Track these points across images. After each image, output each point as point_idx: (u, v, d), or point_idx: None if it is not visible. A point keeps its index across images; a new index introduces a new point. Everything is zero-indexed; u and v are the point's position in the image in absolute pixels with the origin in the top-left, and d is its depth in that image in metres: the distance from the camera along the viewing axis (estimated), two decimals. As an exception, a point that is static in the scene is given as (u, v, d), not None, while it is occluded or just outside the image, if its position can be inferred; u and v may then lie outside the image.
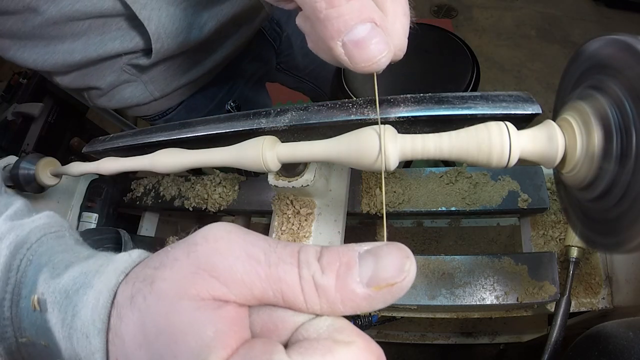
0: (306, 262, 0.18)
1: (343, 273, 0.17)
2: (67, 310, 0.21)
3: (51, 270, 0.23)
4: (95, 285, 0.21)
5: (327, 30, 0.25)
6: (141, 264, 0.21)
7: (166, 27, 0.57)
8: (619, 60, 0.25)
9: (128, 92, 0.68)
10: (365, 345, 0.17)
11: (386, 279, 0.17)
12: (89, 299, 0.21)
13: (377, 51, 0.25)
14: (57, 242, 0.26)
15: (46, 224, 0.27)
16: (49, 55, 0.58)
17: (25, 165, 0.57)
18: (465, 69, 0.79)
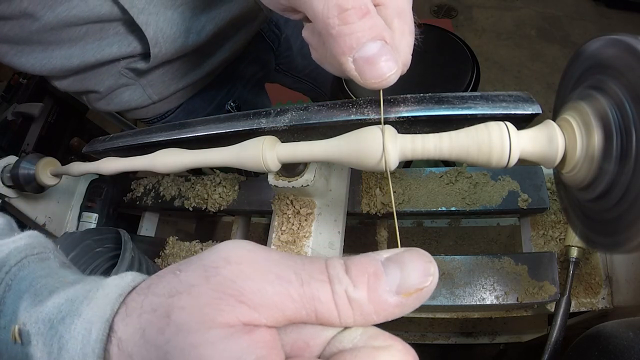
0: (337, 277, 0.17)
1: (373, 284, 0.17)
2: (52, 342, 0.19)
3: (33, 297, 0.21)
4: (84, 313, 0.19)
5: (339, 46, 0.25)
6: (140, 291, 0.19)
7: (164, 31, 0.57)
8: (619, 61, 0.25)
9: (126, 96, 0.68)
10: (403, 347, 0.18)
11: (415, 285, 0.17)
12: (78, 329, 0.19)
13: (387, 68, 0.25)
14: (39, 266, 0.23)
15: (28, 244, 0.25)
16: (47, 60, 0.58)
17: (25, 165, 0.57)
18: (465, 69, 0.79)
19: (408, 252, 0.18)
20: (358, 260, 0.18)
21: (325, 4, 0.25)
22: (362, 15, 0.25)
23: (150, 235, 0.78)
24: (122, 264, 0.50)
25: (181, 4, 0.58)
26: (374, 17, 0.25)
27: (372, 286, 0.17)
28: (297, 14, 0.30)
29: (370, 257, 0.18)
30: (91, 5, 0.53)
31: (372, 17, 0.25)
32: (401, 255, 0.18)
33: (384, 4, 0.28)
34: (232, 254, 0.18)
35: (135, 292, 0.19)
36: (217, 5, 0.63)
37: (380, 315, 0.17)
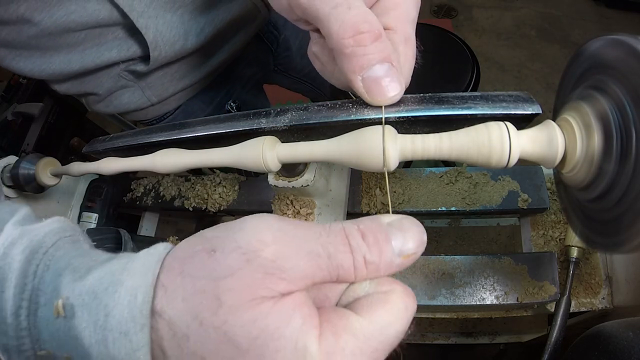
0: (357, 247, 0.21)
1: (384, 249, 0.21)
2: (98, 311, 0.20)
3: (72, 274, 0.22)
4: (126, 282, 0.20)
5: (351, 65, 0.28)
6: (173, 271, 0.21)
7: (164, 35, 0.57)
8: (619, 61, 0.25)
9: (126, 98, 0.68)
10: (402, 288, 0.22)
11: (413, 250, 0.21)
12: (122, 296, 0.20)
13: (392, 89, 0.28)
14: (73, 247, 0.25)
15: (60, 227, 0.26)
16: (46, 65, 0.58)
17: (25, 165, 0.57)
18: (465, 69, 0.79)
19: (406, 220, 0.22)
20: (370, 226, 0.21)
21: (342, 25, 0.27)
22: (374, 38, 0.27)
23: (150, 235, 0.78)
24: (122, 264, 0.50)
25: (180, 7, 0.58)
26: (385, 41, 0.28)
27: (383, 250, 0.21)
28: (309, 25, 0.32)
29: (379, 223, 0.22)
30: (90, 10, 0.52)
31: (383, 41, 0.28)
32: (402, 223, 0.22)
33: (394, 29, 0.30)
34: (266, 235, 0.20)
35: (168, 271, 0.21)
36: (216, 7, 0.62)
37: (386, 272, 0.21)
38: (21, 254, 0.23)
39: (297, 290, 0.20)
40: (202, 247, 0.21)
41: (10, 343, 0.22)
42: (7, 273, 0.22)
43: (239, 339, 0.19)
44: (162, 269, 0.21)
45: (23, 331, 0.22)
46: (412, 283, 0.53)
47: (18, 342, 0.22)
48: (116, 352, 0.20)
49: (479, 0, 2.18)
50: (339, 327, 0.20)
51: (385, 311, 0.20)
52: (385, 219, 0.22)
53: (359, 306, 0.21)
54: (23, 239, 0.24)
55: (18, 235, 0.24)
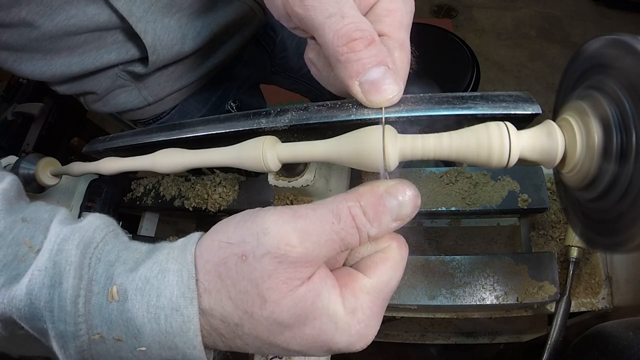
0: (362, 225, 0.24)
1: (383, 220, 0.25)
2: (150, 293, 0.23)
3: (123, 265, 0.25)
4: (171, 267, 0.24)
5: (347, 71, 0.28)
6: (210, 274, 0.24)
7: (162, 38, 0.58)
8: (618, 60, 0.25)
9: (123, 98, 0.69)
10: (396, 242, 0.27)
11: (408, 215, 0.25)
12: (170, 279, 0.24)
13: (390, 91, 0.29)
14: (117, 241, 0.28)
15: (103, 223, 0.28)
16: (47, 67, 0.59)
17: (25, 165, 0.57)
18: (465, 69, 0.79)
19: (401, 185, 0.25)
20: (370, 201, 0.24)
21: (336, 34, 0.28)
22: (368, 44, 0.28)
23: (150, 235, 0.78)
24: (122, 264, 0.50)
25: (177, 11, 0.58)
26: (379, 46, 0.28)
27: (382, 221, 0.25)
28: (306, 33, 0.32)
29: (377, 196, 0.25)
30: (90, 14, 0.53)
31: (377, 45, 0.28)
32: (396, 188, 0.25)
33: (389, 35, 0.31)
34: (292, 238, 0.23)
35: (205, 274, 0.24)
36: (213, 11, 0.63)
37: (384, 235, 0.26)
38: (76, 249, 0.25)
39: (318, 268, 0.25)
40: (231, 252, 0.24)
41: (68, 329, 0.24)
42: (65, 266, 0.25)
43: (285, 320, 0.24)
44: (198, 271, 0.24)
45: (80, 317, 0.24)
46: (412, 283, 0.53)
47: (75, 327, 0.24)
48: (168, 327, 0.23)
49: (479, 0, 2.18)
50: (355, 288, 0.25)
51: (387, 268, 0.26)
52: (382, 187, 0.25)
53: (365, 266, 0.26)
54: (75, 235, 0.26)
55: (69, 232, 0.27)
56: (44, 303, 0.24)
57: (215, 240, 0.25)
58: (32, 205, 0.30)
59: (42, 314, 0.24)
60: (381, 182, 0.25)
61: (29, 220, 0.28)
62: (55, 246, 0.26)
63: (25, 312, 0.24)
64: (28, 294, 0.24)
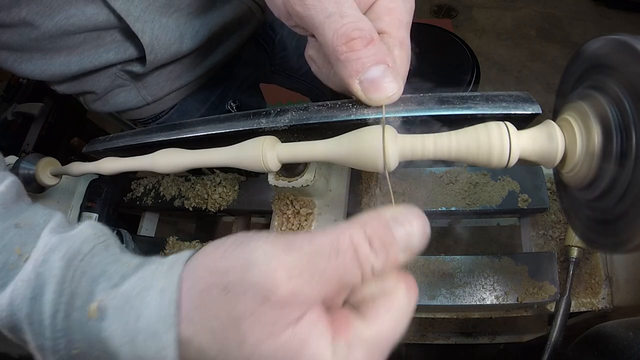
0: (365, 258, 0.21)
1: (390, 251, 0.21)
2: (129, 314, 0.22)
3: (108, 281, 0.24)
4: (155, 286, 0.22)
5: (347, 70, 0.28)
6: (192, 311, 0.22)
7: (159, 38, 0.58)
8: (619, 60, 0.25)
9: (122, 97, 0.69)
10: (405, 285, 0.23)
11: (416, 245, 0.22)
12: (151, 299, 0.22)
13: (390, 89, 0.29)
14: (107, 253, 0.27)
15: (94, 234, 0.28)
16: (46, 66, 0.59)
17: (25, 165, 0.57)
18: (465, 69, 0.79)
19: (409, 212, 0.22)
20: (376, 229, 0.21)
21: (335, 33, 0.28)
22: (367, 43, 0.28)
23: (150, 235, 0.78)
24: (122, 264, 0.50)
25: (175, 11, 0.59)
26: (378, 45, 0.28)
27: (389, 252, 0.21)
28: (306, 32, 0.33)
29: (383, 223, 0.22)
30: (88, 14, 0.54)
31: (376, 44, 0.28)
32: (404, 215, 0.22)
33: (389, 33, 0.31)
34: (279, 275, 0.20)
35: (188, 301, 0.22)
36: (211, 11, 0.63)
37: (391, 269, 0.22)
38: (60, 261, 0.25)
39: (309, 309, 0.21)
40: (215, 281, 0.22)
41: (46, 344, 0.23)
42: (48, 278, 0.24)
43: None
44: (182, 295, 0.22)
45: (59, 332, 0.23)
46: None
47: (54, 342, 0.23)
48: (145, 351, 0.21)
49: (479, 0, 2.18)
50: (350, 338, 0.21)
51: (390, 316, 0.22)
52: (388, 213, 0.22)
53: (366, 310, 0.22)
54: (62, 246, 0.26)
55: (57, 242, 0.26)
56: (25, 315, 0.24)
57: (202, 263, 0.23)
58: (29, 209, 0.30)
59: (22, 326, 0.24)
60: (388, 208, 0.23)
61: (22, 226, 0.28)
62: (41, 257, 0.25)
63: (7, 322, 0.24)
64: (10, 304, 0.24)
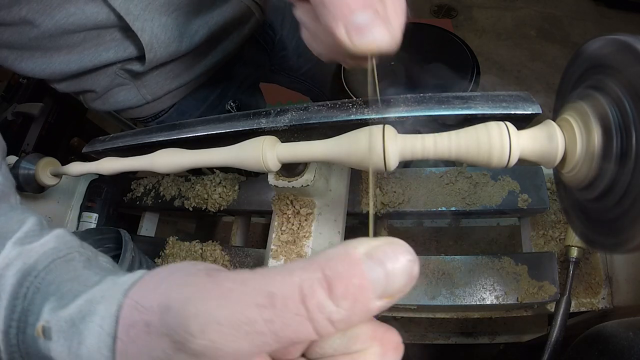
0: (317, 307, 0.16)
1: (359, 298, 0.16)
2: (73, 338, 0.21)
3: (59, 300, 0.23)
4: (99, 311, 0.21)
5: (331, 14, 0.26)
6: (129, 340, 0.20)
7: (159, 37, 0.59)
8: (619, 60, 0.25)
9: (121, 96, 0.70)
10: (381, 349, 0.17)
11: (399, 290, 0.17)
12: (94, 326, 0.21)
13: (379, 35, 0.26)
14: (65, 269, 0.26)
15: (55, 248, 0.27)
16: (46, 65, 0.59)
17: (25, 165, 0.57)
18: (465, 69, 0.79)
19: (390, 248, 0.17)
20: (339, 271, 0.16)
21: None
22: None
23: (150, 235, 0.78)
24: (122, 264, 0.50)
25: (175, 10, 0.59)
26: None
27: (358, 300, 0.16)
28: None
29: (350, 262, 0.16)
30: (88, 13, 0.54)
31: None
32: (383, 252, 0.17)
33: None
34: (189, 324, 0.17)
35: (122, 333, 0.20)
36: (210, 10, 0.63)
37: (364, 320, 0.17)
38: (14, 277, 0.24)
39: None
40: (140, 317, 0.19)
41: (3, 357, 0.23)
42: (1, 294, 0.24)
43: None
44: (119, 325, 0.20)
45: (13, 347, 0.23)
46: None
47: (9, 356, 0.23)
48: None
49: (479, 0, 2.18)
50: None
51: None
52: (361, 248, 0.17)
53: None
54: (18, 260, 0.25)
55: (15, 256, 0.25)
56: None
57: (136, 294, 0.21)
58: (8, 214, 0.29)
59: None
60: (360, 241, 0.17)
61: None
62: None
63: None
64: None
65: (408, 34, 0.30)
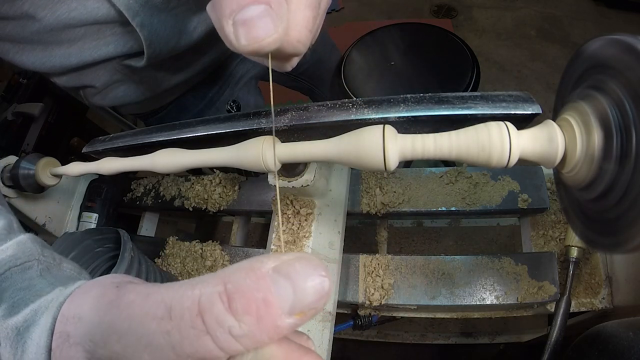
0: (216, 321, 0.15)
1: (264, 313, 0.15)
2: (17, 346, 0.22)
3: (9, 308, 0.24)
4: (40, 323, 0.22)
5: (222, 9, 0.24)
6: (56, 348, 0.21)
7: (158, 33, 0.59)
8: (619, 60, 0.25)
9: (121, 91, 0.70)
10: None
11: (309, 306, 0.16)
12: (35, 337, 0.22)
13: (263, 32, 0.23)
14: (20, 277, 0.26)
15: (12, 256, 0.27)
16: (47, 58, 0.60)
17: (25, 165, 0.57)
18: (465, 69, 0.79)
19: (299, 263, 0.16)
20: (240, 285, 0.16)
21: None
22: None
23: (150, 235, 0.78)
24: (121, 264, 0.50)
25: (174, 7, 0.59)
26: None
27: (263, 316, 0.15)
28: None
29: (256, 275, 0.16)
30: (89, 8, 0.54)
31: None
32: (292, 267, 0.16)
33: None
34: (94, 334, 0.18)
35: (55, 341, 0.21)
36: None
37: (274, 338, 0.16)
38: None
39: None
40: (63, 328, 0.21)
41: None
42: None
43: None
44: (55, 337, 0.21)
45: None
46: (412, 283, 0.53)
47: None
48: None
49: (479, 0, 2.18)
50: None
51: None
52: (270, 263, 0.16)
53: None
54: None
55: None
56: None
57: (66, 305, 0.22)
58: None
59: None
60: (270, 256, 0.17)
61: None
62: None
63: None
64: None
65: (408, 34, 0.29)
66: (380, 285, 0.54)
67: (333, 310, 0.48)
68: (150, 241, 0.73)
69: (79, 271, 0.31)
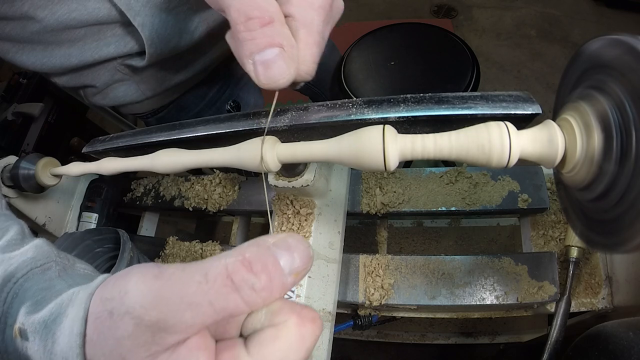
0: (242, 281, 0.20)
1: (273, 272, 0.21)
2: (47, 338, 0.24)
3: (34, 306, 0.26)
4: (69, 313, 0.24)
5: (242, 49, 0.29)
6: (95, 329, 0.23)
7: (159, 32, 0.59)
8: (619, 61, 0.25)
9: (121, 91, 0.70)
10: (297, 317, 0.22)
11: (302, 267, 0.22)
12: (65, 326, 0.23)
13: (279, 73, 0.29)
14: (41, 278, 0.28)
15: (33, 258, 0.29)
16: (47, 59, 0.60)
17: (25, 165, 0.57)
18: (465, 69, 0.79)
19: (290, 238, 0.22)
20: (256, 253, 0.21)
21: (237, 12, 0.29)
22: (263, 24, 0.29)
23: (150, 235, 0.78)
24: (120, 264, 0.50)
25: (175, 7, 0.59)
26: (276, 27, 0.29)
27: (273, 274, 0.21)
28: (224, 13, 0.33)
29: (264, 247, 0.21)
30: (90, 8, 0.54)
31: (274, 26, 0.29)
32: (287, 242, 0.22)
33: (293, 16, 0.31)
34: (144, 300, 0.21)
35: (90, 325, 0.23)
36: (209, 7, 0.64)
37: (280, 294, 0.21)
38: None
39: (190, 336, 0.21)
40: (104, 307, 0.23)
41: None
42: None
43: None
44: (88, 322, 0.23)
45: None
46: (412, 283, 0.53)
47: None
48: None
49: (479, 0, 2.18)
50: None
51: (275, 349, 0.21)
52: (270, 240, 0.22)
53: (252, 342, 0.22)
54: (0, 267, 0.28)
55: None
56: None
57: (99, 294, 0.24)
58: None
59: None
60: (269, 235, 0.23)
61: None
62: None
63: None
64: None
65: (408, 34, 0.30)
66: (380, 285, 0.54)
67: (333, 310, 0.48)
68: (150, 241, 0.73)
69: (92, 269, 0.33)
